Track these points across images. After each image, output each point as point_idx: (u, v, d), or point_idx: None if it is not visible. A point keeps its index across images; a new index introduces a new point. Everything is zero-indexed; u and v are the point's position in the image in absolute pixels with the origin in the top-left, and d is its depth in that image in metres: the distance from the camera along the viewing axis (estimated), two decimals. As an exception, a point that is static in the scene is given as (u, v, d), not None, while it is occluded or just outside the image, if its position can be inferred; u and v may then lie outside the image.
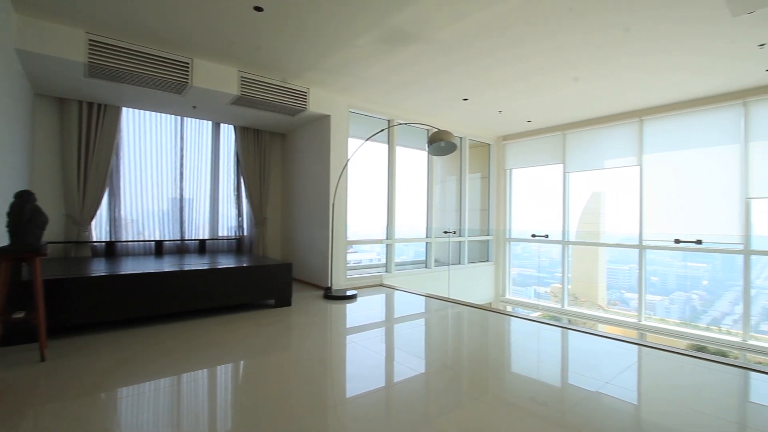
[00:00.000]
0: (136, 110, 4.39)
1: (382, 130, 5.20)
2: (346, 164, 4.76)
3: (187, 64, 3.59)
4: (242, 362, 2.46)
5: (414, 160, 5.98)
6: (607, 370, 2.41)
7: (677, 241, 4.83)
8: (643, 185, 5.15)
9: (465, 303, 4.38)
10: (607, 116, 5.48)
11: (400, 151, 5.60)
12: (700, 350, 4.59)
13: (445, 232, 6.21)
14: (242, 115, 4.64)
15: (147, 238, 4.51)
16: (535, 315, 6.38)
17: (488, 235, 7.02)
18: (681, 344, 4.79)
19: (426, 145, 4.19)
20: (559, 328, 3.40)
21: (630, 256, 5.41)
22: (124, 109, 4.29)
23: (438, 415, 1.83)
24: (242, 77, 3.91)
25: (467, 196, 6.57)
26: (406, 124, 5.46)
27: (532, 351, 2.87)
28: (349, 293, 4.38)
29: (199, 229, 4.92)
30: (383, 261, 5.57)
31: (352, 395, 2.02)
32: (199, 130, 4.90)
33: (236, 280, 3.53)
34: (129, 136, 4.38)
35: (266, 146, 5.42)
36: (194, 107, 4.34)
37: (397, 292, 4.83)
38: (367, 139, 4.78)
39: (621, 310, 5.66)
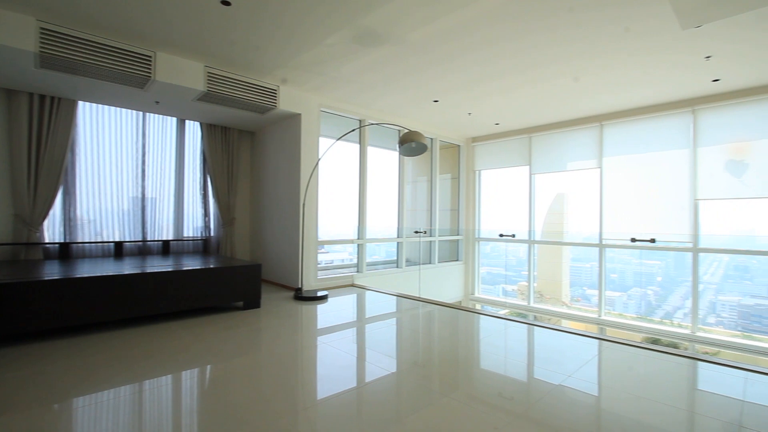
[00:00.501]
0: (94, 104, 4.16)
1: (354, 130, 5.19)
2: (317, 164, 4.72)
3: (150, 57, 3.44)
4: (209, 367, 2.38)
5: (385, 160, 6.01)
6: (570, 364, 2.51)
7: (633, 240, 5.10)
8: (603, 187, 5.40)
9: (435, 302, 4.44)
10: (570, 120, 5.71)
11: (371, 151, 5.61)
12: (655, 342, 4.88)
13: (416, 232, 6.27)
14: (209, 112, 4.50)
15: (106, 239, 4.29)
16: (502, 312, 6.56)
17: (458, 234, 7.15)
18: (637, 337, 5.06)
19: (397, 145, 4.21)
20: (526, 325, 3.52)
21: (591, 254, 5.67)
22: (81, 103, 4.06)
23: (409, 414, 1.85)
24: (209, 73, 3.79)
25: (438, 197, 6.66)
26: (377, 124, 5.47)
27: (499, 348, 2.95)
28: (320, 294, 4.34)
29: (162, 230, 4.72)
30: (355, 261, 5.56)
31: (324, 396, 2.00)
32: (162, 126, 4.71)
33: (202, 283, 3.42)
34: (86, 131, 4.15)
35: (234, 144, 5.28)
36: (157, 102, 4.17)
37: (368, 292, 4.83)
38: (339, 139, 4.76)
39: (583, 306, 5.92)
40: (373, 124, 5.42)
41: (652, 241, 4.95)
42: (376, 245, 6.10)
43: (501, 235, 6.60)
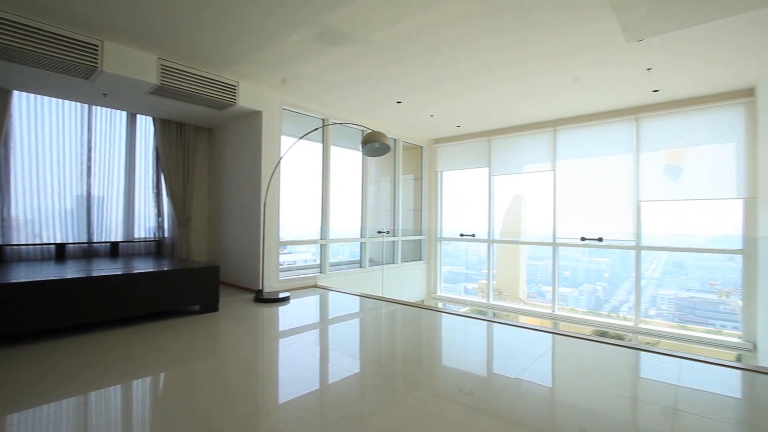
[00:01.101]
0: (32, 95, 3.84)
1: (316, 129, 5.13)
2: (279, 162, 4.62)
3: (97, 46, 3.22)
4: (162, 374, 2.27)
5: (349, 160, 5.99)
6: (526, 358, 2.63)
7: (583, 239, 5.41)
8: (557, 188, 5.68)
9: (398, 301, 4.48)
10: (526, 125, 5.96)
11: (334, 150, 5.57)
12: (602, 335, 5.20)
13: (379, 232, 6.30)
14: (163, 107, 4.28)
15: (46, 241, 3.96)
16: (463, 310, 6.74)
17: (421, 234, 7.25)
18: (587, 330, 5.37)
19: (360, 145, 4.21)
20: (485, 322, 3.63)
21: (546, 252, 5.94)
22: (16, 93, 3.73)
23: (373, 413, 1.85)
24: (162, 65, 3.61)
25: (401, 197, 6.73)
26: (340, 123, 5.44)
27: (460, 345, 3.02)
28: (281, 295, 4.25)
29: (111, 231, 4.44)
30: (318, 262, 5.50)
31: (286, 400, 1.97)
32: (111, 120, 4.42)
33: (154, 286, 3.25)
34: (22, 124, 3.81)
35: (191, 141, 5.05)
36: (105, 95, 3.91)
37: (331, 293, 4.80)
38: (301, 138, 4.69)
39: (539, 302, 6.20)
40: (336, 123, 5.39)
41: (600, 239, 5.27)
42: (340, 245, 6.07)
43: (462, 235, 6.78)
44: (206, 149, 5.45)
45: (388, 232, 6.49)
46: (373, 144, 4.12)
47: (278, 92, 4.67)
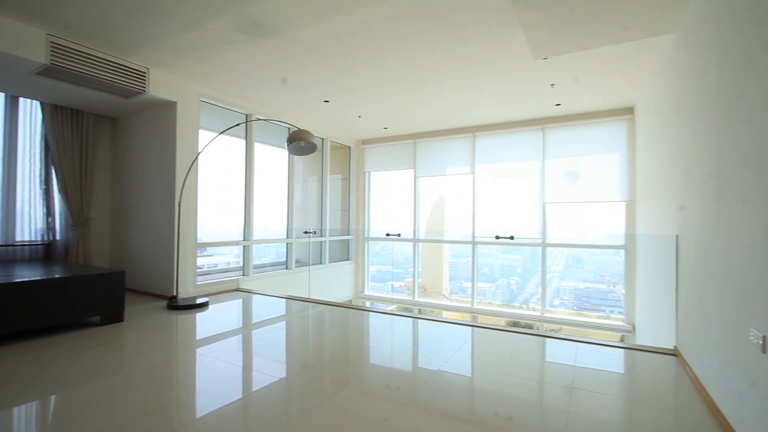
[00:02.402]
0: None
1: (239, 125, 4.87)
2: (197, 158, 4.30)
3: (-37, 14, 2.70)
4: (52, 397, 1.98)
5: (274, 158, 5.78)
6: (447, 350, 2.77)
7: (497, 237, 5.86)
8: (475, 190, 6.08)
9: (326, 302, 4.44)
10: (449, 129, 6.29)
11: (259, 148, 5.34)
12: (515, 325, 5.68)
13: (306, 232, 6.18)
14: (54, 90, 3.73)
15: None
16: (390, 308, 6.90)
17: (348, 234, 7.26)
18: (502, 322, 5.84)
19: (286, 143, 4.09)
20: (411, 319, 3.76)
21: (466, 250, 6.33)
22: None
23: (300, 417, 1.82)
24: (53, 43, 3.14)
25: (328, 197, 6.67)
26: (265, 120, 5.23)
27: (387, 342, 3.09)
28: (199, 301, 3.96)
29: (-18, 233, 3.75)
30: (241, 264, 5.22)
31: (204, 413, 1.84)
32: (-18, 103, 3.74)
33: (41, 297, 2.82)
34: None
35: (90, 131, 4.47)
36: (-25, 72, 3.30)
37: (255, 296, 4.59)
38: (222, 133, 4.41)
39: (460, 298, 6.58)
40: (260, 119, 5.17)
41: (512, 237, 5.75)
42: (265, 247, 5.83)
43: (388, 235, 6.93)
44: (109, 141, 4.87)
45: (314, 233, 6.39)
46: (299, 142, 4.03)
47: (196, 83, 4.34)
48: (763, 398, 1.40)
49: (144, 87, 3.81)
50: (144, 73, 3.80)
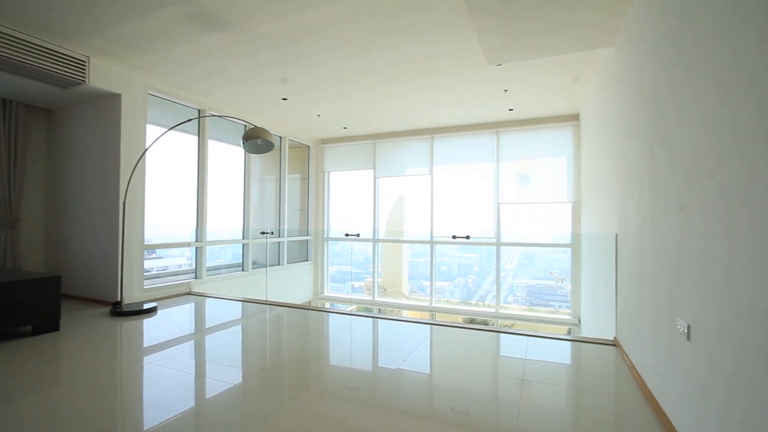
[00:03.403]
0: None
1: (190, 120, 4.65)
2: (144, 154, 4.05)
3: None
4: (-26, 417, 1.79)
5: (230, 156, 5.58)
6: (406, 349, 2.81)
7: (454, 237, 6.02)
8: (434, 191, 6.21)
9: (284, 304, 4.35)
10: (408, 131, 6.37)
11: (213, 145, 5.12)
12: (471, 322, 5.87)
13: (263, 233, 6.02)
14: (-25, 77, 3.37)
15: None
16: (350, 309, 6.88)
17: (307, 235, 7.16)
18: (459, 319, 6.00)
19: (242, 141, 3.96)
20: (370, 319, 3.77)
21: (425, 250, 6.44)
22: None
23: (257, 423, 1.77)
24: (-24, 25, 2.84)
25: (287, 197, 6.54)
26: (219, 116, 5.04)
27: (346, 343, 3.08)
28: (146, 306, 3.74)
29: None
30: (194, 266, 4.98)
31: (153, 425, 1.74)
32: None
33: (-37, 305, 2.54)
34: None
35: (20, 123, 4.08)
36: None
37: (208, 300, 4.40)
38: (172, 128, 4.19)
39: (419, 297, 6.68)
40: (214, 115, 4.96)
41: (468, 237, 5.94)
42: (221, 248, 5.61)
43: (347, 235, 6.91)
44: (44, 134, 4.46)
45: (272, 233, 6.23)
46: (256, 140, 3.91)
47: (143, 75, 4.09)
48: (687, 382, 1.55)
49: (83, 77, 3.54)
50: (84, 61, 3.53)
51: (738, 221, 1.19)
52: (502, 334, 3.23)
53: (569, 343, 3.06)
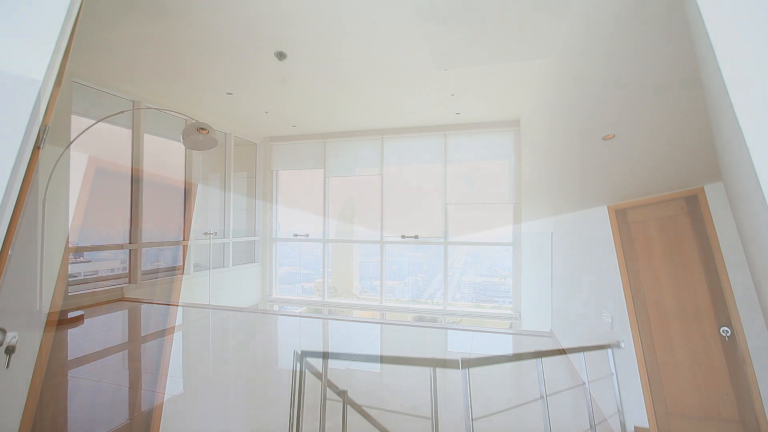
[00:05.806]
0: None
1: (123, 112, 4.31)
2: (68, 147, 3.68)
3: None
4: None
5: (170, 152, 5.24)
6: (356, 347, 2.82)
7: (403, 237, 6.13)
8: (383, 191, 6.28)
9: (229, 308, 4.18)
10: (358, 131, 6.38)
11: (150, 140, 4.78)
12: (420, 319, 6.00)
13: (206, 234, 5.73)
14: None
15: None
16: (300, 311, 6.75)
17: (255, 235, 6.92)
18: (409, 317, 6.12)
19: (181, 137, 3.74)
20: (320, 320, 3.73)
21: (375, 250, 6.49)
22: None
23: (195, 434, 1.68)
24: None
25: (232, 196, 6.27)
26: (156, 109, 4.72)
27: (296, 345, 3.02)
28: (71, 315, 3.41)
29: None
30: (128, 270, 4.62)
31: (76, 444, 1.60)
32: None
33: None
34: None
35: None
36: None
37: (144, 306, 4.11)
38: (101, 120, 3.85)
39: (370, 296, 6.71)
40: (150, 108, 4.64)
41: (416, 237, 6.07)
42: (159, 250, 5.25)
43: (295, 235, 6.78)
44: (-59, 123, 3.90)
45: (215, 234, 5.95)
46: (197, 136, 3.71)
47: (65, 59, 3.72)
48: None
49: (-6, 60, 3.14)
50: (-6, 43, 3.14)
51: (651, 221, 1.32)
52: (449, 330, 3.34)
53: (510, 336, 3.24)
